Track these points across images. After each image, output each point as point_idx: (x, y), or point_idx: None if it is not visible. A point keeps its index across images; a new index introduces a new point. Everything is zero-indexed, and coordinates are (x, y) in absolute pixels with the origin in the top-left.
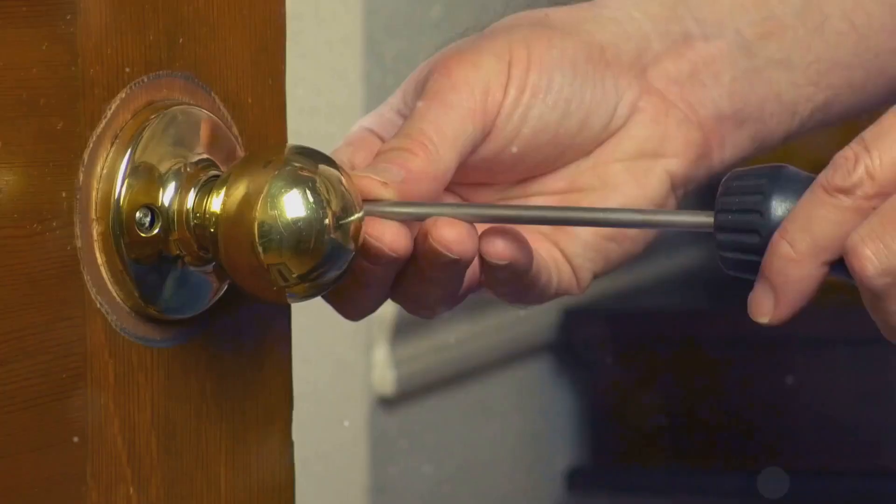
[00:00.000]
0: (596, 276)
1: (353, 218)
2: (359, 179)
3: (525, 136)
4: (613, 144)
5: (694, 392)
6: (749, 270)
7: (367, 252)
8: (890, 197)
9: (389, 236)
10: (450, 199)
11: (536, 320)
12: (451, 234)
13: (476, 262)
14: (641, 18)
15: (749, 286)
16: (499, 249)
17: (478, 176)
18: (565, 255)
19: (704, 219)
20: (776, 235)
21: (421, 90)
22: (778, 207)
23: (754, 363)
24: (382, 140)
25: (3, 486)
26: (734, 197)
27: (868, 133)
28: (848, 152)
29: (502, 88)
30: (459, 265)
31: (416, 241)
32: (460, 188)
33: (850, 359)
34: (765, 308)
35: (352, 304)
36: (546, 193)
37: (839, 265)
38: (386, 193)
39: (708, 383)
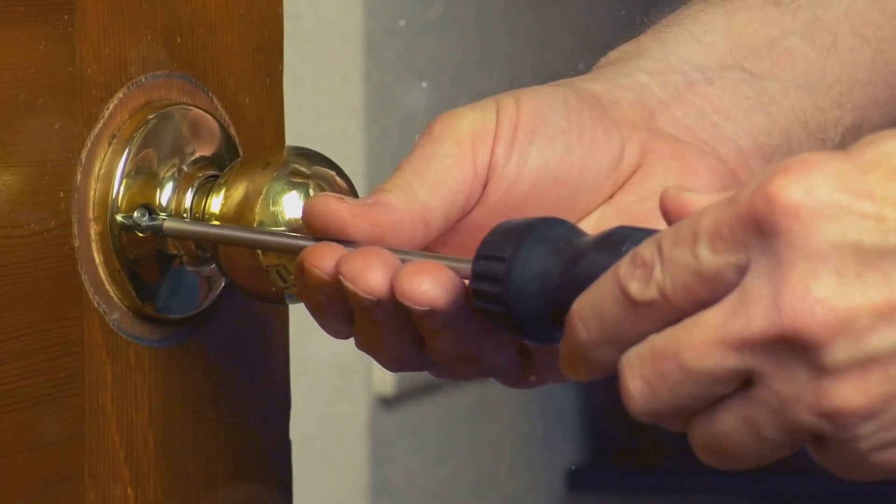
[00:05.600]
0: None
1: None
2: (314, 201)
3: (529, 174)
4: (635, 184)
5: None
6: (502, 327)
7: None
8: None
9: (369, 280)
10: None
11: None
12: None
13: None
14: (636, 73)
15: None
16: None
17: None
18: None
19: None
20: (573, 309)
21: None
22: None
23: None
24: None
25: (1, 486)
26: (484, 261)
27: (665, 237)
28: (645, 253)
29: (491, 134)
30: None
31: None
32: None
33: None
34: (569, 370)
35: (387, 353)
36: None
37: None
38: (346, 213)
39: None
